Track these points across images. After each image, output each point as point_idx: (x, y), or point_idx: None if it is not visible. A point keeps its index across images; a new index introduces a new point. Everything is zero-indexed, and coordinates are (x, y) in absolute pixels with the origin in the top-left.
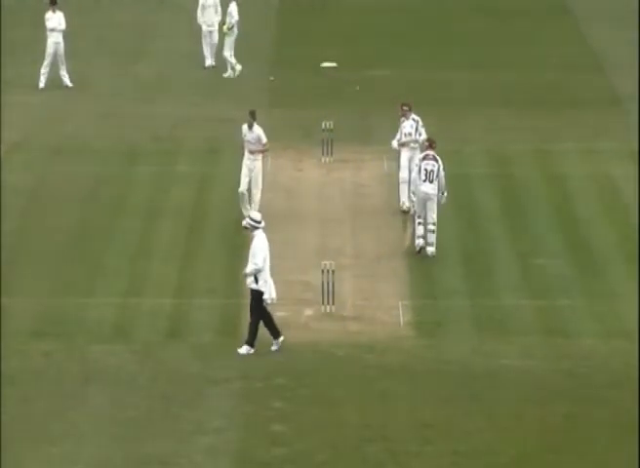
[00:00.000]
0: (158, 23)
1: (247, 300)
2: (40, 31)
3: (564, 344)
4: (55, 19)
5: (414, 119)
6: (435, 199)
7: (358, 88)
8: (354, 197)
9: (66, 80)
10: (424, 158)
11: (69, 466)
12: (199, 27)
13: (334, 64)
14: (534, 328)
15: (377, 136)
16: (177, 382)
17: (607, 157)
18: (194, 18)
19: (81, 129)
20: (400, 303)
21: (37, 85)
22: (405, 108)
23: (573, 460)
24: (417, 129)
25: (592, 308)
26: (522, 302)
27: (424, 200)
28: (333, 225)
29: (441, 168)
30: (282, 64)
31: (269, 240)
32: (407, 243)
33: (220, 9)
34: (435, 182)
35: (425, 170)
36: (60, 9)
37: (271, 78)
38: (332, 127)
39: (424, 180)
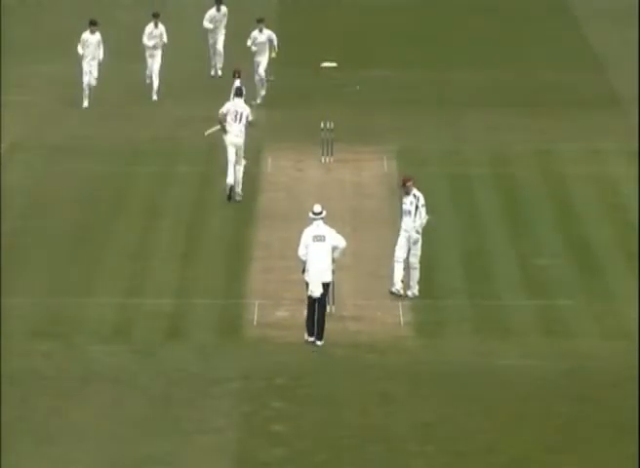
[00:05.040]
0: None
1: (247, 300)
2: (40, 31)
3: (564, 344)
4: (92, 44)
5: (415, 195)
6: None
7: (358, 88)
8: (354, 197)
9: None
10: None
11: (69, 466)
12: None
13: (334, 64)
14: (534, 328)
15: (377, 136)
16: (177, 382)
17: (607, 157)
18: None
19: (81, 129)
20: (400, 303)
21: (81, 103)
22: (409, 184)
23: (573, 460)
24: (417, 207)
25: (592, 308)
26: (522, 302)
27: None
28: (333, 225)
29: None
30: (282, 64)
31: (270, 239)
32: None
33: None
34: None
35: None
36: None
37: (271, 78)
38: (332, 127)
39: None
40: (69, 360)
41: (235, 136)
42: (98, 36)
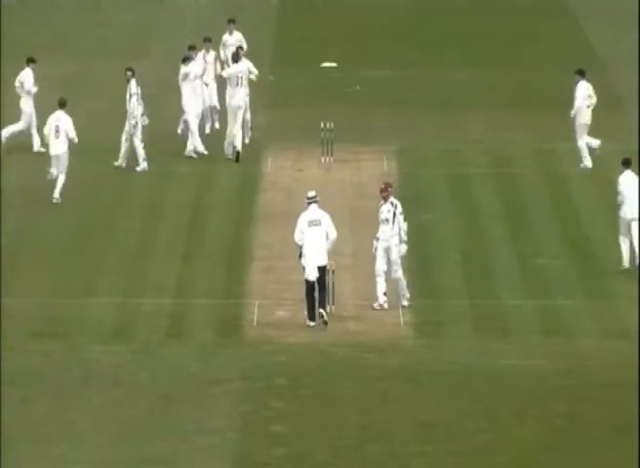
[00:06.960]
0: (158, 23)
1: (247, 300)
2: (40, 31)
3: (564, 344)
4: (198, 65)
5: (392, 203)
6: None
7: (358, 88)
8: (354, 197)
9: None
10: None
11: (69, 466)
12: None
13: (334, 64)
14: (534, 328)
15: (377, 136)
16: (177, 382)
17: (607, 157)
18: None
19: (81, 129)
20: (400, 303)
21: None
22: (390, 189)
23: (573, 460)
24: (395, 215)
25: (592, 308)
26: (522, 302)
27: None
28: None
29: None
30: (282, 64)
31: (270, 239)
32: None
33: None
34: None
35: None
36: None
37: (271, 78)
38: (332, 127)
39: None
40: (69, 360)
41: (239, 100)
42: (212, 54)
